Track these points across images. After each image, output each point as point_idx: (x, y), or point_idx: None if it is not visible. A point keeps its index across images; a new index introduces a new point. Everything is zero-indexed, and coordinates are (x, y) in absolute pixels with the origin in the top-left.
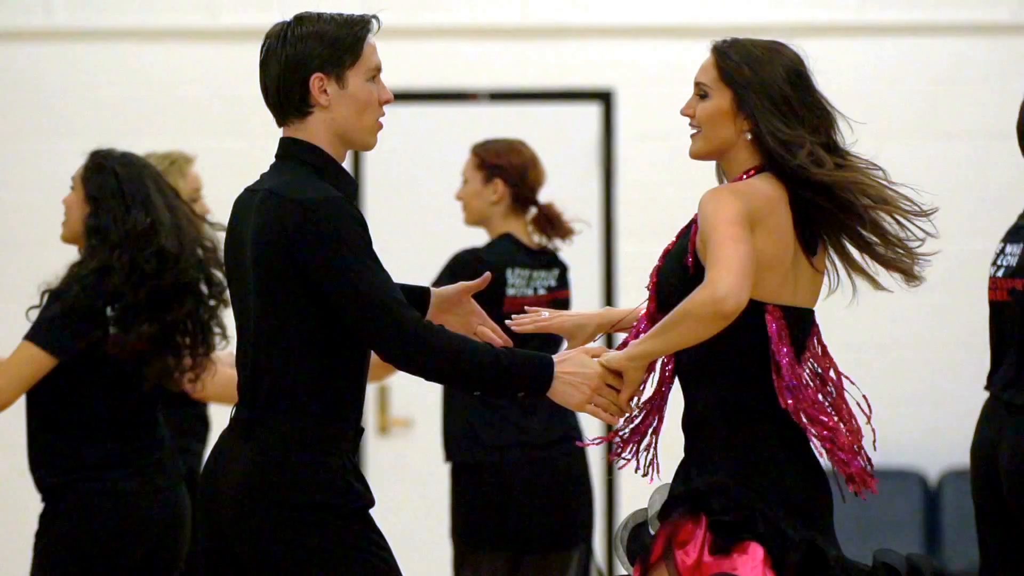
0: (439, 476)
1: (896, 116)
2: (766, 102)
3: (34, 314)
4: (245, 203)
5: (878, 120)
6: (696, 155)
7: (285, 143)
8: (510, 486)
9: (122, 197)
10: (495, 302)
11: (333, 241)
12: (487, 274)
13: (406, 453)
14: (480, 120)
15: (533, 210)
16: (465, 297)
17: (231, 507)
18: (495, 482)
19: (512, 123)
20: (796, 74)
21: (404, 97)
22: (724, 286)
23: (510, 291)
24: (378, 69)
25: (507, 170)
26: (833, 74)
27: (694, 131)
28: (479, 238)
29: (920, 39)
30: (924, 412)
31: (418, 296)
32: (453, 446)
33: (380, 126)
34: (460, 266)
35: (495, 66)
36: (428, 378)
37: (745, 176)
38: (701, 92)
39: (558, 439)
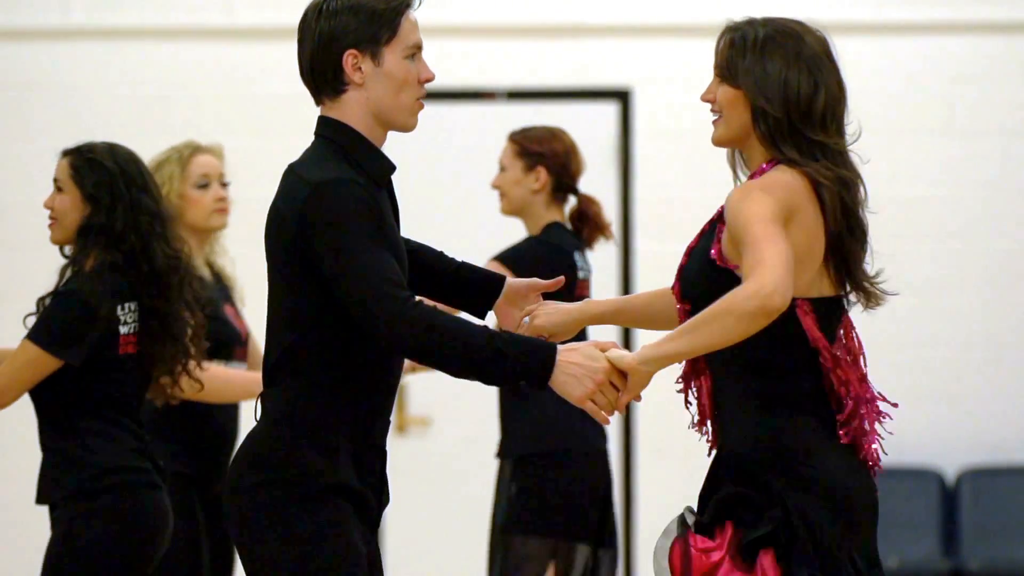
0: (458, 474)
1: (915, 114)
2: (777, 87)
3: (31, 320)
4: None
5: (897, 119)
6: (719, 141)
7: (319, 121)
8: (596, 477)
9: (123, 190)
10: (570, 287)
11: (333, 222)
12: (560, 278)
13: (424, 452)
14: (498, 119)
15: (572, 200)
16: (533, 293)
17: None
18: (590, 472)
19: (529, 122)
20: (810, 58)
21: None
22: (771, 281)
23: (580, 274)
24: (418, 46)
25: (550, 157)
26: (852, 73)
27: (715, 117)
28: (498, 234)
29: (939, 37)
30: (942, 411)
31: (494, 282)
32: (543, 437)
33: (420, 106)
34: (543, 252)
35: (512, 65)
36: (414, 357)
37: (766, 167)
38: (720, 74)
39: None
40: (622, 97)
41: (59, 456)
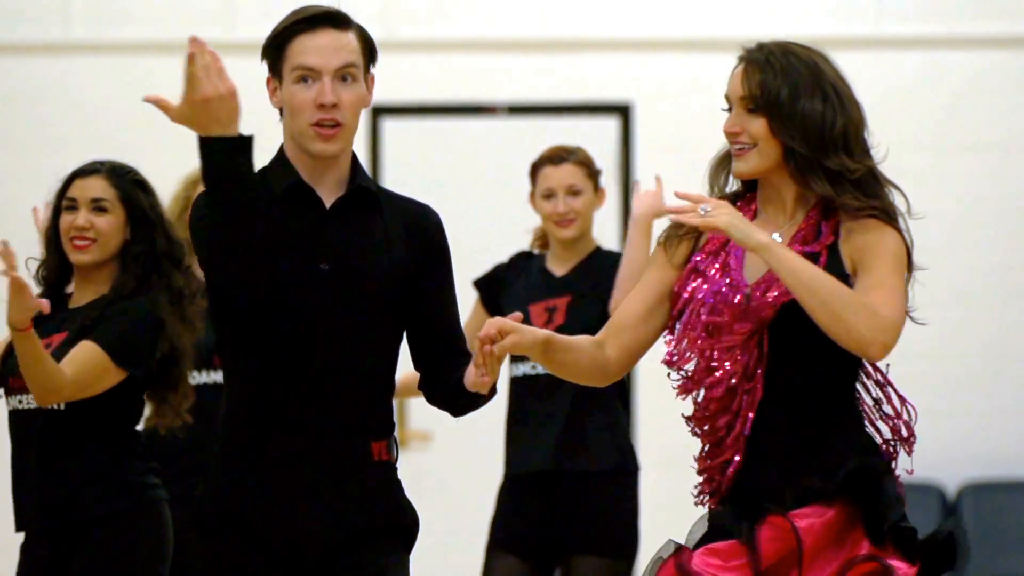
0: (459, 490)
1: (914, 129)
2: (802, 120)
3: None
4: None
5: (897, 133)
6: (750, 174)
7: None
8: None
9: (161, 214)
10: None
11: (193, 234)
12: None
13: (425, 467)
14: (499, 133)
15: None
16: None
17: None
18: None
19: (530, 136)
20: (829, 84)
21: (422, 110)
22: (891, 339)
23: None
24: (305, 68)
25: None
26: (853, 87)
27: (743, 148)
28: (499, 247)
29: (939, 52)
30: (942, 425)
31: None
32: (627, 452)
33: (322, 133)
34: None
35: (514, 79)
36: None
37: (825, 224)
38: (752, 106)
39: None
40: (623, 112)
41: (91, 474)
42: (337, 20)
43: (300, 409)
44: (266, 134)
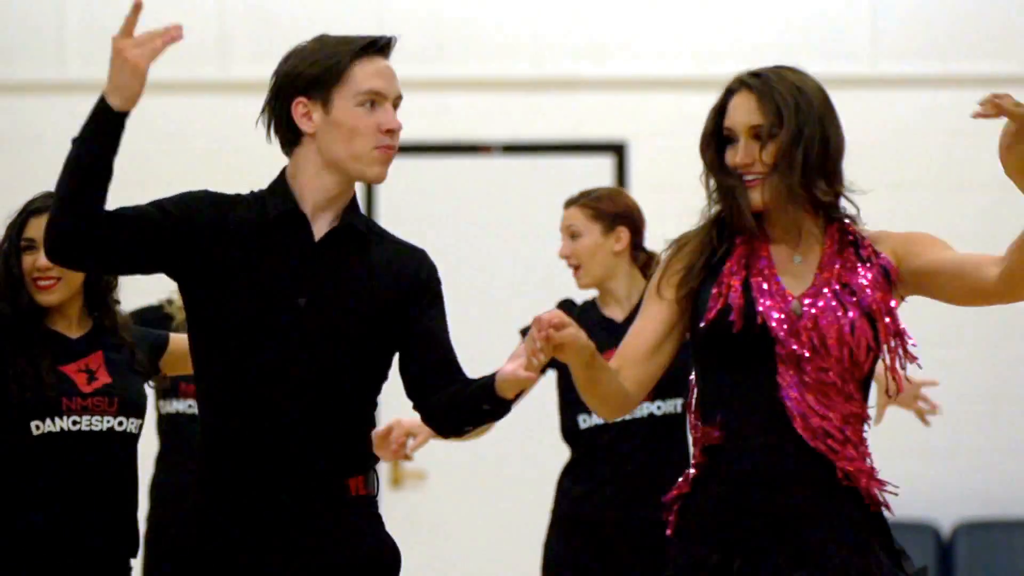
0: (453, 529)
1: (912, 168)
2: (817, 135)
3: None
4: None
5: (894, 172)
6: (767, 203)
7: None
8: None
9: None
10: None
11: None
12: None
13: (420, 506)
14: (494, 172)
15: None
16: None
17: None
18: None
19: (525, 175)
20: (822, 110)
21: (417, 149)
22: None
23: None
24: (373, 92)
25: (628, 216)
26: (849, 126)
27: (755, 178)
28: (493, 289)
29: (936, 91)
30: (938, 464)
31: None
32: None
33: (382, 155)
34: None
35: (508, 118)
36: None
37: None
38: (765, 133)
39: None
40: (617, 151)
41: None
42: (388, 50)
43: (271, 445)
44: (255, 170)
